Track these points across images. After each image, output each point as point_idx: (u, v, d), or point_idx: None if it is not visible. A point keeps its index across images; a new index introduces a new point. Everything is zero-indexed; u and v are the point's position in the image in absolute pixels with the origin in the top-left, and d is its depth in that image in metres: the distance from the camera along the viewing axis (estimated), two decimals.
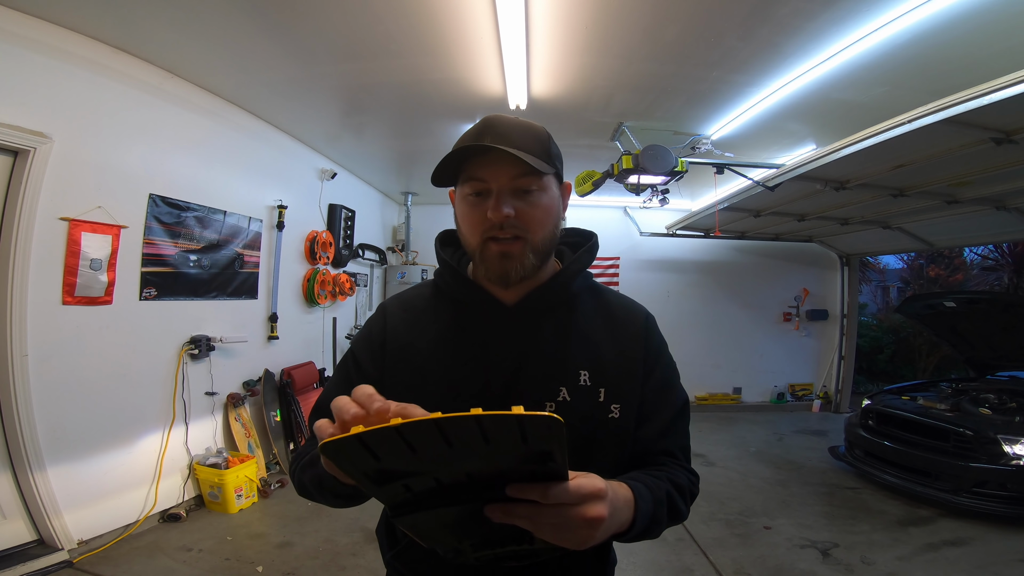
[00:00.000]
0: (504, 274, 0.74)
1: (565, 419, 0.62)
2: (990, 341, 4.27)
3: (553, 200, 0.77)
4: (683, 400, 0.84)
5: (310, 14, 2.33)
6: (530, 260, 0.74)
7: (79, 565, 2.39)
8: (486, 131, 0.73)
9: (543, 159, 0.74)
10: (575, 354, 0.78)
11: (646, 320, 0.85)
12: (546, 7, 2.24)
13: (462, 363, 0.77)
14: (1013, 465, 3.10)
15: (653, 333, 0.85)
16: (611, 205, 6.35)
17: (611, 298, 0.87)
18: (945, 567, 2.66)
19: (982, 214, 4.19)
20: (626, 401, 0.78)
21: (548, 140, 0.77)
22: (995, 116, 2.40)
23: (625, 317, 0.84)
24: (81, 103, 2.49)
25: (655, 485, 0.69)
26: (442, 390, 0.76)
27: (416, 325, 0.82)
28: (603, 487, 0.51)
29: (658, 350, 0.84)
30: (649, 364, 0.81)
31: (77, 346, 2.53)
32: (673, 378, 0.85)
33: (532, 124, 0.77)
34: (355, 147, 4.52)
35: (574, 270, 0.82)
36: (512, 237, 0.72)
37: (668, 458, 0.80)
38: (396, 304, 0.87)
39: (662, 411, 0.80)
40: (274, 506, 3.24)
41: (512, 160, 0.69)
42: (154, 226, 2.89)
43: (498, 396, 0.74)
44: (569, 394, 0.75)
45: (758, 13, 2.21)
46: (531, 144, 0.73)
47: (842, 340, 6.54)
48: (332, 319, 4.87)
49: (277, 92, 3.28)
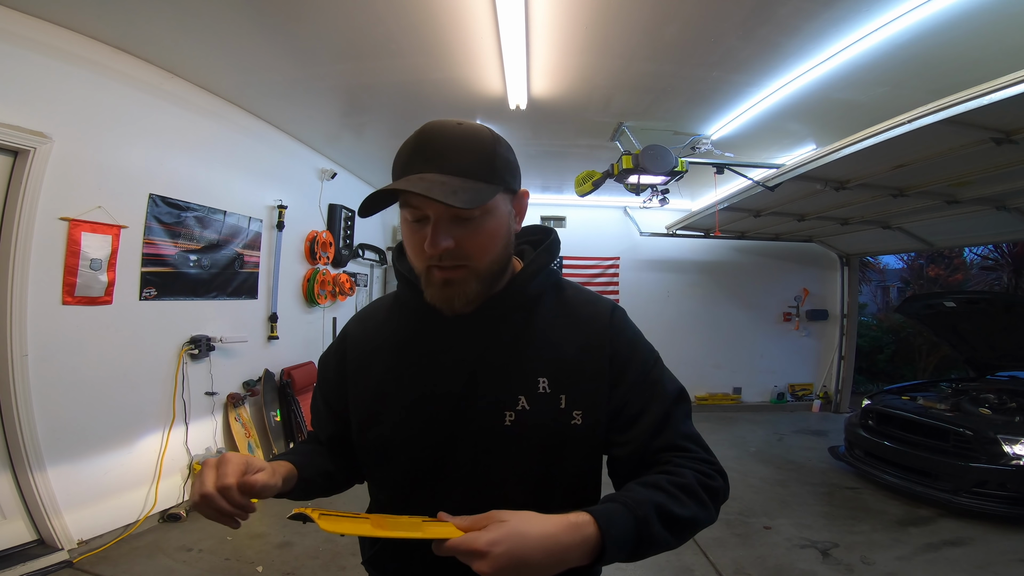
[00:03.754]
0: (446, 301, 0.70)
1: (525, 429, 0.72)
2: (990, 341, 4.27)
3: (500, 221, 0.70)
4: (675, 390, 0.78)
5: (310, 14, 2.33)
6: (473, 288, 0.70)
7: (79, 565, 2.39)
8: (419, 151, 0.67)
9: (485, 177, 0.67)
10: (533, 360, 0.74)
11: (612, 313, 0.79)
12: (546, 7, 2.24)
13: (419, 373, 0.76)
14: (1013, 465, 3.10)
15: (621, 327, 0.79)
16: (611, 205, 6.36)
17: (573, 295, 0.82)
18: (945, 567, 2.66)
19: (982, 214, 4.19)
20: (590, 405, 0.73)
21: (493, 152, 0.68)
22: (995, 116, 2.40)
23: (588, 314, 0.78)
24: (81, 103, 2.49)
25: (639, 501, 0.63)
26: (401, 401, 0.75)
27: (376, 335, 0.82)
28: (478, 546, 0.54)
29: (630, 344, 0.78)
30: (619, 362, 0.75)
31: (77, 346, 2.53)
32: (655, 371, 0.78)
33: (476, 133, 0.69)
34: (355, 147, 4.52)
35: (531, 271, 0.77)
36: (454, 265, 0.68)
37: (672, 454, 0.73)
38: (354, 320, 0.88)
39: (650, 407, 0.74)
40: (274, 506, 3.21)
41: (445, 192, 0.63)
42: (154, 226, 2.89)
43: (452, 407, 0.73)
44: (528, 403, 0.72)
45: (758, 13, 2.21)
46: (470, 163, 0.66)
47: (842, 340, 6.54)
48: (332, 319, 4.87)
49: (277, 92, 3.28)
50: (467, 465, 0.73)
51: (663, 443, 0.74)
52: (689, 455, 0.73)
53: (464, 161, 0.66)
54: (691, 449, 0.74)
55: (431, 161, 0.66)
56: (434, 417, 0.73)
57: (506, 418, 0.71)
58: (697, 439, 0.76)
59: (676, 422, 0.75)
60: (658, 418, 0.74)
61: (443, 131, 0.68)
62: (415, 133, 0.70)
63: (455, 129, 0.68)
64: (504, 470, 0.72)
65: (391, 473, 0.78)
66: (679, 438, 0.75)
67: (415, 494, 0.75)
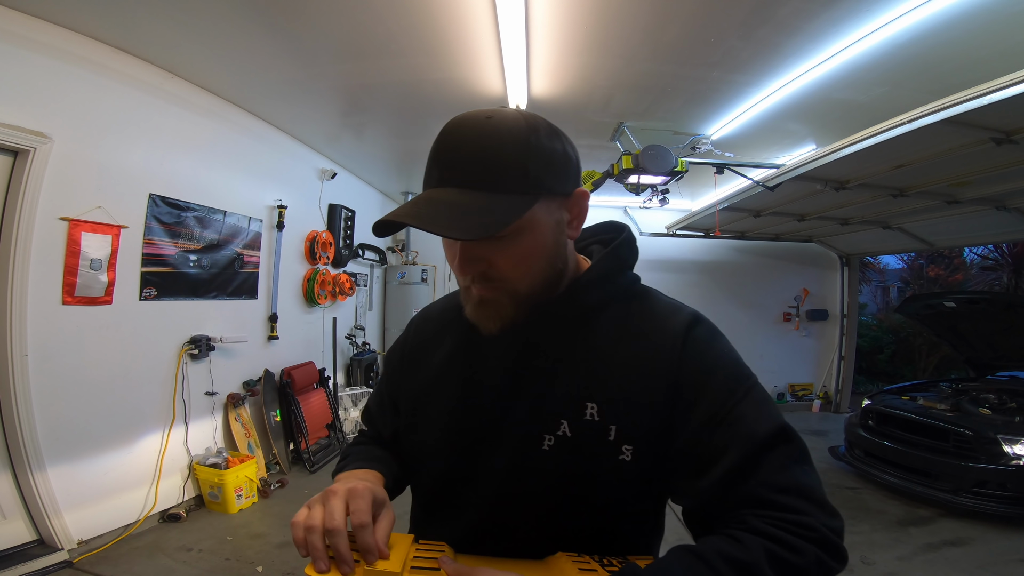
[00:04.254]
0: (480, 322, 0.63)
1: (563, 457, 0.62)
2: (990, 341, 4.27)
3: (541, 235, 0.60)
4: (769, 430, 0.58)
5: (310, 14, 2.33)
6: (509, 312, 0.62)
7: (79, 565, 2.39)
8: (436, 159, 0.58)
9: (514, 186, 0.56)
10: (583, 381, 0.63)
11: (687, 331, 0.64)
12: (546, 7, 2.24)
13: (459, 385, 0.70)
14: (1013, 465, 3.10)
15: (699, 347, 0.63)
16: (611, 205, 6.35)
17: (647, 306, 0.68)
18: (945, 567, 2.66)
19: (982, 214, 4.19)
20: (644, 441, 0.61)
21: (525, 152, 0.57)
22: (995, 116, 2.40)
23: (658, 329, 0.65)
24: (81, 103, 2.49)
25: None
26: (438, 412, 0.71)
27: (431, 339, 0.78)
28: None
29: (706, 370, 0.62)
30: (690, 391, 0.61)
31: (77, 346, 2.53)
32: (741, 405, 0.60)
33: (504, 129, 0.57)
34: (355, 147, 4.52)
35: (591, 278, 0.67)
36: (490, 284, 0.61)
37: (751, 511, 0.55)
38: (419, 317, 0.84)
39: (728, 451, 0.57)
40: (274, 506, 3.24)
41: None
42: (154, 226, 2.89)
43: (488, 425, 0.66)
44: (570, 428, 0.62)
45: (758, 13, 2.21)
46: (494, 171, 0.56)
47: (842, 340, 6.54)
48: (332, 319, 4.87)
49: (277, 92, 3.28)
50: (497, 486, 0.66)
51: (742, 497, 0.56)
52: (775, 515, 0.54)
53: (486, 170, 0.56)
54: (784, 506, 0.54)
55: (448, 171, 0.57)
56: (468, 433, 0.68)
57: (544, 442, 0.63)
58: (802, 491, 0.56)
59: (768, 470, 0.56)
60: (737, 465, 0.57)
61: (464, 131, 0.58)
62: (440, 134, 0.60)
63: (481, 127, 0.57)
64: (536, 497, 0.64)
65: (424, 481, 0.75)
66: (769, 490, 0.55)
67: (443, 507, 0.71)
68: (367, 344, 5.46)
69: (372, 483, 0.60)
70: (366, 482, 0.59)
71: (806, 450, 0.60)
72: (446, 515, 0.70)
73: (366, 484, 0.58)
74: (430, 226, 0.53)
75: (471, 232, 0.53)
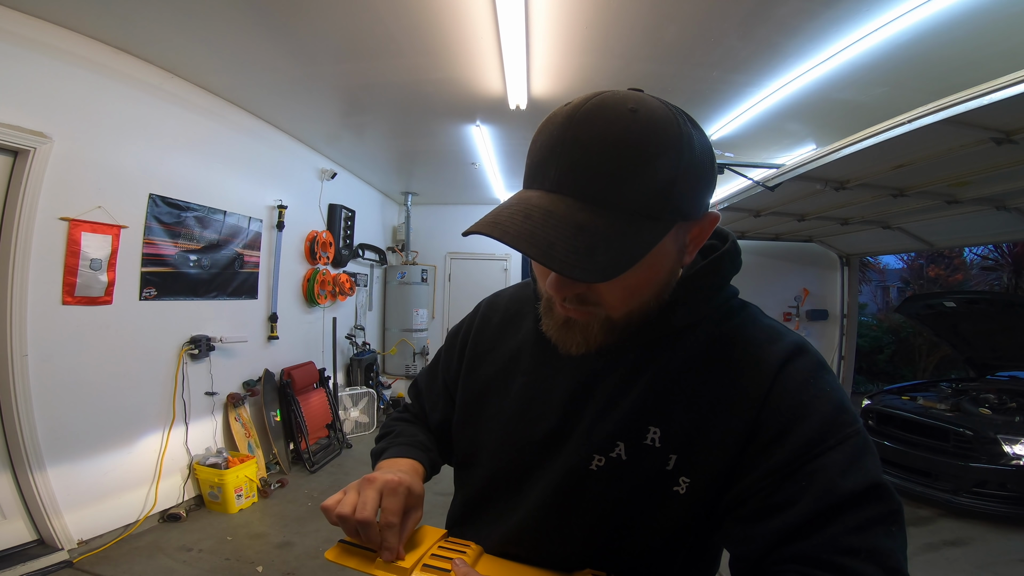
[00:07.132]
0: (561, 343, 0.58)
1: (612, 479, 0.58)
2: (990, 341, 4.27)
3: (659, 265, 0.53)
4: (856, 487, 0.48)
5: (310, 14, 2.33)
6: (597, 338, 0.57)
7: (79, 565, 2.39)
8: (554, 155, 0.47)
9: (650, 210, 0.46)
10: (651, 404, 0.57)
11: (783, 364, 0.54)
12: (546, 7, 2.24)
13: (521, 391, 0.67)
14: (1013, 465, 3.10)
15: (793, 383, 0.53)
16: None
17: (741, 329, 0.59)
18: (945, 567, 2.66)
19: (982, 214, 4.18)
20: (704, 476, 0.54)
21: (674, 169, 0.46)
22: (995, 116, 2.39)
23: (748, 357, 0.56)
24: (81, 103, 2.49)
25: None
26: (495, 414, 0.68)
27: (496, 332, 0.74)
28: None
29: (796, 410, 0.52)
30: (769, 430, 0.52)
31: (77, 346, 2.53)
32: (830, 456, 0.49)
33: (652, 135, 0.45)
34: (355, 147, 4.52)
35: (685, 298, 0.58)
36: (582, 306, 0.55)
37: (802, 568, 0.47)
38: (486, 304, 0.79)
39: (799, 502, 0.48)
40: (274, 506, 3.24)
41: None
42: (154, 226, 2.89)
43: (543, 436, 0.63)
44: (626, 451, 0.57)
45: (758, 13, 2.21)
46: (630, 191, 0.45)
47: (842, 340, 6.54)
48: (332, 319, 4.87)
49: (277, 92, 3.28)
50: (541, 498, 0.62)
51: (797, 553, 0.48)
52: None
53: (624, 185, 0.45)
54: (843, 569, 0.45)
55: (570, 175, 0.46)
56: (521, 440, 0.65)
57: (593, 462, 0.58)
58: (874, 555, 0.46)
59: (841, 529, 0.47)
60: (803, 518, 0.48)
61: (602, 126, 0.45)
62: (562, 118, 0.47)
63: (626, 125, 0.45)
64: (578, 514, 0.60)
65: (471, 478, 0.73)
66: (833, 551, 0.46)
67: (486, 509, 0.69)
68: (367, 344, 5.46)
69: (410, 477, 0.61)
70: (405, 475, 0.61)
71: (900, 512, 0.49)
72: (488, 517, 0.68)
73: (403, 479, 0.59)
74: (546, 259, 0.43)
75: (595, 274, 0.44)
